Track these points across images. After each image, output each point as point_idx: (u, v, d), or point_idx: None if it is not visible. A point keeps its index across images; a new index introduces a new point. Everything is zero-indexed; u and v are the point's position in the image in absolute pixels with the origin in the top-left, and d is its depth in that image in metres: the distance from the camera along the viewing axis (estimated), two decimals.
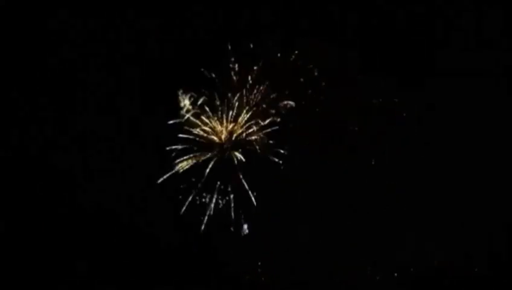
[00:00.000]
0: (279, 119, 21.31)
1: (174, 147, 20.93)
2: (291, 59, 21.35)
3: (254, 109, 21.37)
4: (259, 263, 20.81)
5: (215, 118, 21.33)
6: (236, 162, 20.97)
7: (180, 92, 20.81)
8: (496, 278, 19.58)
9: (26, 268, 19.56)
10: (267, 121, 21.27)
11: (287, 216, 21.18)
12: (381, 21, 21.20)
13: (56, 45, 20.73)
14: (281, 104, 21.38)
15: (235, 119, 21.36)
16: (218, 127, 21.34)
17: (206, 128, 21.27)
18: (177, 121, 21.00)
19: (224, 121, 21.34)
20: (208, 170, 20.97)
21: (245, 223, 21.24)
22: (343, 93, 21.43)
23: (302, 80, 21.51)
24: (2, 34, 20.42)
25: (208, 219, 20.91)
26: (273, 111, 21.36)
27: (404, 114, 21.15)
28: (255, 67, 21.18)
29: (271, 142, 21.19)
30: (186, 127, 21.08)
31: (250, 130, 21.34)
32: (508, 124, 20.42)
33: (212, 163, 21.02)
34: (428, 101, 21.02)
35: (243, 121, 21.34)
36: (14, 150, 20.42)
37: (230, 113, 21.33)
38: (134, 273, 20.08)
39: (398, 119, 21.15)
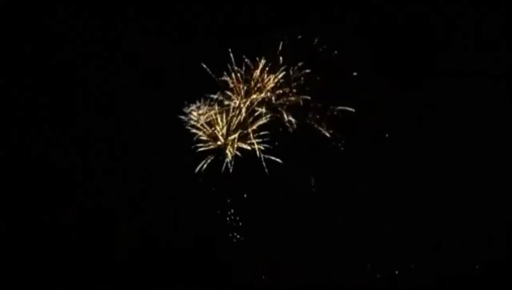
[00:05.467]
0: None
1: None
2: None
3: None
4: (259, 263, 20.82)
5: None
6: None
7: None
8: (496, 278, 19.67)
9: (25, 268, 19.55)
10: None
11: (286, 216, 21.22)
12: (382, 21, 21.24)
13: (56, 44, 20.73)
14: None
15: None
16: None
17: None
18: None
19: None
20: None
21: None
22: (342, 93, 21.48)
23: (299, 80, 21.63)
24: (2, 33, 20.40)
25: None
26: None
27: (404, 114, 21.18)
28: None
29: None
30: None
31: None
32: (508, 125, 20.51)
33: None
34: (428, 101, 21.08)
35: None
36: (14, 150, 20.39)
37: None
38: (134, 273, 20.08)
39: (398, 119, 21.18)
